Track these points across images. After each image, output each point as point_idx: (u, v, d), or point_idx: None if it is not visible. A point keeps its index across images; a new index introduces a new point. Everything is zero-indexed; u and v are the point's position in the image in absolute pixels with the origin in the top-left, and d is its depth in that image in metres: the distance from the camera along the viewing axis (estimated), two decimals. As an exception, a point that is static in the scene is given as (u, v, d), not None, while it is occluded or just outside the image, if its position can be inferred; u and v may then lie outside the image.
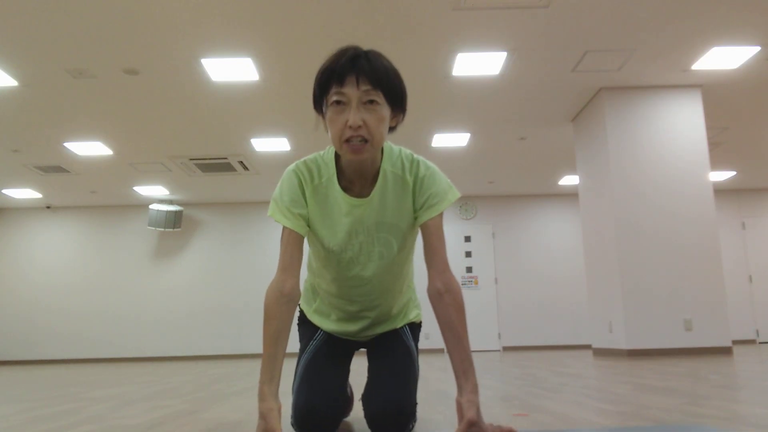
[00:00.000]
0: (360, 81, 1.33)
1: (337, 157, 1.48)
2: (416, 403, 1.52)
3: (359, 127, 1.32)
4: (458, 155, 8.60)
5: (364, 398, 1.52)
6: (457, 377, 1.34)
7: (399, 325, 1.71)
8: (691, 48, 5.58)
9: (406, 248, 1.56)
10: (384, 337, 1.70)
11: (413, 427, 1.51)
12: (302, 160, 1.50)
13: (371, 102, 1.34)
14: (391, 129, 1.44)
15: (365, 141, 1.34)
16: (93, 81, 5.88)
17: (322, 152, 1.51)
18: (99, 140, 7.59)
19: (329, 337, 1.70)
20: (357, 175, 1.46)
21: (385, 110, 1.37)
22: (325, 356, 1.62)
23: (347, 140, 1.34)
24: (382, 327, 1.70)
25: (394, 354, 1.62)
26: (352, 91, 1.33)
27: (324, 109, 1.39)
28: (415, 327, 1.77)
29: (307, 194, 1.47)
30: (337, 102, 1.34)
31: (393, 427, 1.45)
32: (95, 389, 3.64)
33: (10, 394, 3.40)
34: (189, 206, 10.93)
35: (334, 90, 1.35)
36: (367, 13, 4.83)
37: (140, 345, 10.48)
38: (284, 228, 1.44)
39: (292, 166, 1.48)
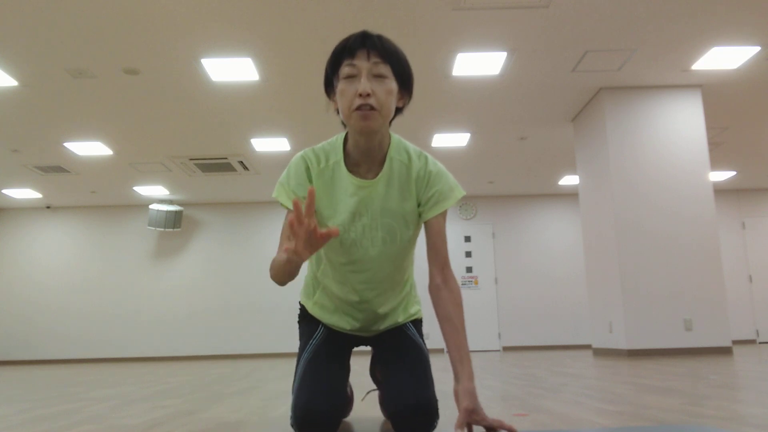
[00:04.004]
0: (370, 54, 1.40)
1: (345, 143, 1.52)
2: (437, 400, 1.53)
3: (368, 95, 1.37)
4: (458, 155, 8.60)
5: (387, 399, 1.54)
6: (454, 365, 1.40)
7: (400, 320, 1.72)
8: (691, 48, 5.58)
9: (408, 238, 1.58)
10: (391, 336, 1.71)
11: (437, 424, 1.53)
12: (311, 148, 1.55)
13: (380, 75, 1.40)
14: (398, 110, 1.49)
15: (374, 110, 1.39)
16: (93, 81, 5.88)
17: (329, 140, 1.56)
18: (99, 140, 7.59)
19: (329, 335, 1.70)
20: (364, 157, 1.50)
21: (394, 84, 1.42)
22: (324, 356, 1.63)
23: (357, 108, 1.39)
24: (384, 322, 1.70)
25: (408, 353, 1.64)
26: (362, 62, 1.39)
27: (335, 84, 1.44)
28: (418, 323, 1.79)
29: (314, 177, 1.51)
30: (348, 75, 1.40)
31: (422, 423, 1.47)
32: (95, 389, 3.64)
33: (10, 394, 3.40)
34: (189, 206, 10.93)
35: (345, 63, 1.41)
36: (367, 13, 4.83)
37: (140, 345, 10.48)
38: (288, 212, 1.49)
39: (300, 153, 1.54)
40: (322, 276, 1.69)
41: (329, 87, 1.47)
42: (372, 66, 1.39)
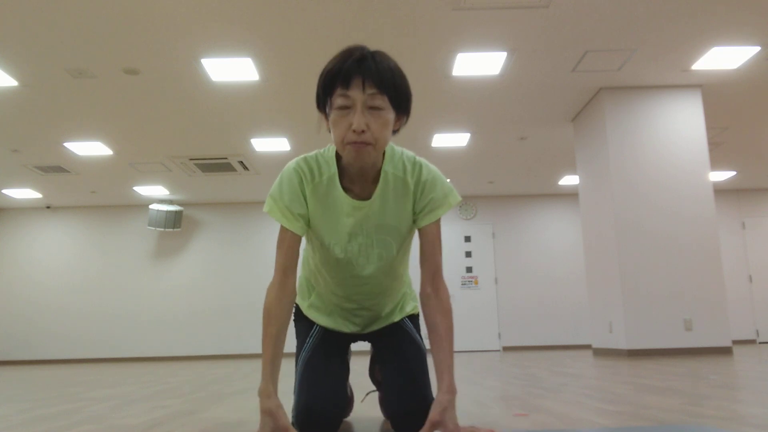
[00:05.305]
0: (366, 84, 1.31)
1: (338, 156, 1.46)
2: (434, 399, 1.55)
3: (363, 131, 1.30)
4: (458, 155, 8.60)
5: (386, 402, 1.56)
6: (436, 375, 1.40)
7: (397, 319, 1.72)
8: (691, 48, 5.58)
9: (403, 249, 1.57)
10: (389, 332, 1.71)
11: None
12: (302, 157, 1.47)
13: (376, 107, 1.32)
14: (394, 132, 1.42)
15: (368, 144, 1.32)
16: (93, 81, 5.88)
17: (322, 150, 1.49)
18: (99, 140, 7.59)
19: (326, 333, 1.70)
20: (358, 175, 1.44)
21: (390, 114, 1.35)
22: (322, 355, 1.63)
23: (350, 143, 1.32)
24: (381, 322, 1.71)
25: (406, 353, 1.64)
26: (357, 94, 1.31)
27: (327, 110, 1.36)
28: (415, 318, 1.79)
29: (308, 193, 1.45)
30: (342, 106, 1.32)
31: (420, 423, 1.49)
32: (95, 389, 3.64)
33: (10, 394, 3.40)
34: (189, 206, 10.93)
35: (339, 92, 1.32)
36: (367, 13, 4.83)
37: (140, 345, 10.48)
38: (283, 228, 1.44)
39: (292, 164, 1.46)
40: (315, 283, 1.68)
41: (321, 104, 1.39)
42: (367, 98, 1.31)
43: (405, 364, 1.59)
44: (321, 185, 1.45)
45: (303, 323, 1.74)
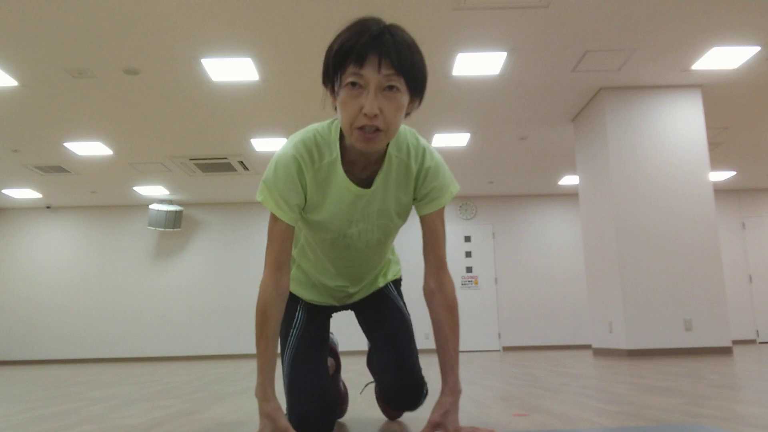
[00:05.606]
0: (382, 64, 1.20)
1: (340, 136, 1.37)
2: (421, 368, 1.62)
3: (375, 116, 1.20)
4: (458, 155, 8.60)
5: (380, 386, 1.64)
6: (441, 375, 1.41)
7: (381, 284, 1.74)
8: (691, 48, 5.58)
9: (399, 226, 1.53)
10: (374, 304, 1.72)
11: (427, 393, 1.63)
12: (300, 139, 1.36)
13: (391, 88, 1.21)
14: (406, 115, 1.32)
15: (379, 131, 1.22)
16: (93, 81, 5.88)
17: (320, 127, 1.38)
18: (99, 140, 7.59)
19: (309, 317, 1.67)
20: (361, 157, 1.36)
21: (405, 98, 1.24)
22: (308, 348, 1.61)
23: (360, 127, 1.22)
24: (362, 293, 1.72)
25: (394, 327, 1.67)
26: (372, 74, 1.19)
27: (336, 87, 1.24)
28: (398, 283, 1.80)
29: (307, 179, 1.35)
30: (353, 84, 1.20)
31: (413, 400, 1.57)
32: (95, 389, 3.64)
33: (10, 394, 3.40)
34: (189, 206, 10.93)
35: (351, 70, 1.20)
36: (367, 13, 4.80)
37: (140, 345, 10.48)
38: (275, 218, 1.35)
39: (290, 149, 1.34)
40: (299, 257, 1.63)
41: (328, 79, 1.26)
42: (383, 79, 1.19)
43: (394, 341, 1.63)
44: (321, 170, 1.36)
45: (286, 307, 1.68)
